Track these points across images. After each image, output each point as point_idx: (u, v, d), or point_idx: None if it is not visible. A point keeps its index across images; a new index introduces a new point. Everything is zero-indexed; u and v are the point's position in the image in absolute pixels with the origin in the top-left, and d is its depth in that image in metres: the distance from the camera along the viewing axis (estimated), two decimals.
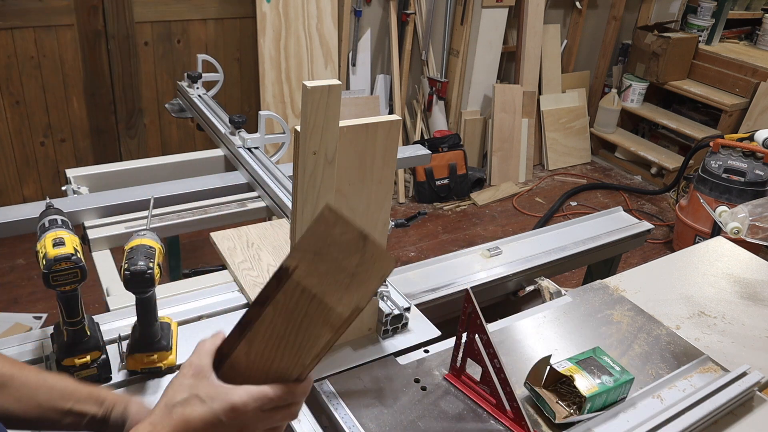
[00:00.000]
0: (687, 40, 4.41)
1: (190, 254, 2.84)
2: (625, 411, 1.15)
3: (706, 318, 1.46)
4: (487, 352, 1.09)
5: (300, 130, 0.95)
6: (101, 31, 2.94)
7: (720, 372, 1.27)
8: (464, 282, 1.54)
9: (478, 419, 1.10)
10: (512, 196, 4.02)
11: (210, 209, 1.71)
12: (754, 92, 4.13)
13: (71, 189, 1.78)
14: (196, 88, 2.35)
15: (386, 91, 3.82)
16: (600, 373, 1.13)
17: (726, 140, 3.28)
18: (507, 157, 4.14)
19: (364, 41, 3.62)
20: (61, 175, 2.97)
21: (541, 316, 1.40)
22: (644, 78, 4.54)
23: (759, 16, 4.89)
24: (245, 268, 1.43)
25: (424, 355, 1.25)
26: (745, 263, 1.69)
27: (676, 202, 3.79)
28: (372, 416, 1.08)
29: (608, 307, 1.45)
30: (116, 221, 1.60)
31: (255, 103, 3.48)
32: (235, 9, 3.24)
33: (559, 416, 1.10)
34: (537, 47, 4.15)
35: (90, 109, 3.09)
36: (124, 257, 1.04)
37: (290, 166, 1.54)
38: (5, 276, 2.85)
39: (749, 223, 1.49)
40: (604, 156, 4.70)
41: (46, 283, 0.97)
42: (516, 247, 1.73)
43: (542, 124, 4.38)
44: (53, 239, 0.98)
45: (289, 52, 3.28)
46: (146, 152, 3.28)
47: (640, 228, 1.88)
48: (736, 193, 3.15)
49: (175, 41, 3.16)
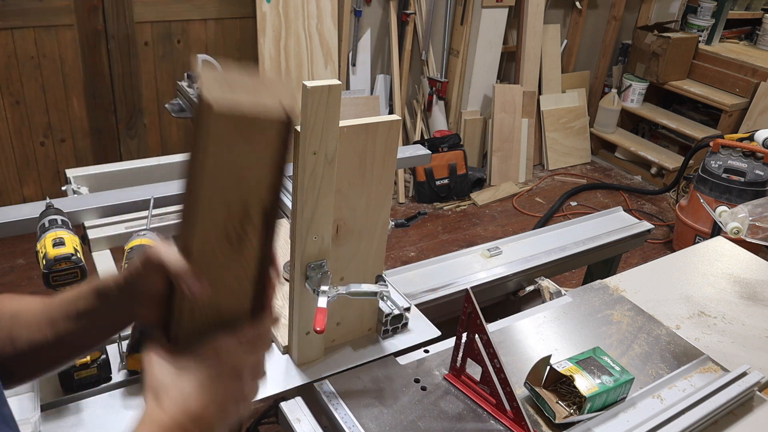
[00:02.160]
0: (687, 40, 4.41)
1: None
2: (625, 411, 1.15)
3: (706, 318, 1.46)
4: (487, 352, 1.09)
5: (300, 130, 0.95)
6: (101, 31, 2.94)
7: (720, 372, 1.27)
8: (464, 282, 1.54)
9: (478, 419, 1.10)
10: (512, 196, 4.02)
11: None
12: (754, 92, 4.13)
13: (71, 189, 1.78)
14: (197, 89, 2.35)
15: (386, 91, 3.82)
16: (600, 373, 1.13)
17: (726, 140, 3.28)
18: (507, 157, 4.14)
19: (364, 41, 3.62)
20: (61, 175, 2.97)
21: (541, 316, 1.40)
22: (644, 78, 4.54)
23: (759, 16, 4.89)
24: None
25: (424, 355, 1.25)
26: (745, 263, 1.69)
27: (676, 202, 3.79)
28: (372, 416, 1.08)
29: (608, 307, 1.45)
30: (116, 221, 1.60)
31: None
32: (235, 9, 3.24)
33: (559, 416, 1.10)
34: (537, 47, 4.15)
35: (90, 109, 3.09)
36: (124, 257, 1.04)
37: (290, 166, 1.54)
38: (5, 276, 2.85)
39: (749, 223, 1.49)
40: (604, 156, 4.70)
41: (46, 283, 0.97)
42: (516, 247, 1.73)
43: (542, 124, 4.38)
44: (53, 239, 0.98)
45: (289, 52, 3.28)
46: (146, 152, 3.28)
47: (640, 228, 1.88)
48: (736, 193, 3.15)
49: (175, 41, 3.16)
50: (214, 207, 0.58)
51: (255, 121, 0.55)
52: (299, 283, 1.10)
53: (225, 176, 0.57)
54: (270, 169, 0.59)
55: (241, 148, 0.56)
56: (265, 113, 0.55)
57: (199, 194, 0.58)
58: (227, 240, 0.59)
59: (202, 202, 0.58)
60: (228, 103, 0.54)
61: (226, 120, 0.54)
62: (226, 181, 0.58)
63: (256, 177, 0.59)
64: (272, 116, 0.56)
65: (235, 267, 0.61)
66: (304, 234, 1.04)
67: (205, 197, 0.58)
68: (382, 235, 1.18)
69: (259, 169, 0.58)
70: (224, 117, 0.54)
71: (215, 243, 0.59)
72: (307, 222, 1.03)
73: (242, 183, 0.58)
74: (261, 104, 0.55)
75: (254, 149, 0.57)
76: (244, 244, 0.60)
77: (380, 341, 1.26)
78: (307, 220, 1.03)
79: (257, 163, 0.58)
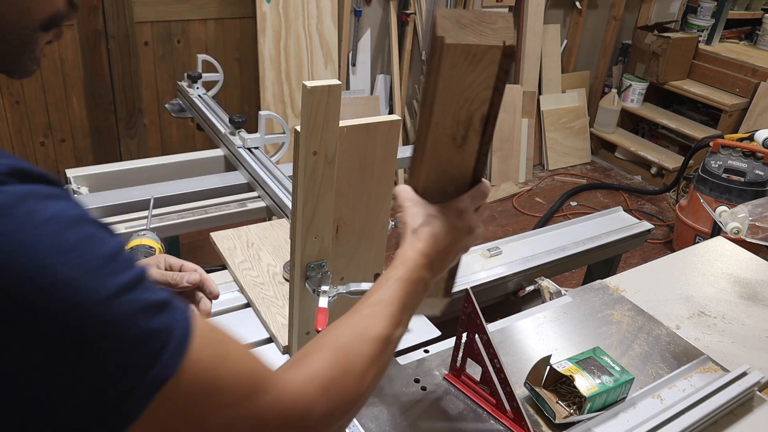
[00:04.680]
0: (687, 40, 4.40)
1: (190, 254, 2.84)
2: (625, 411, 1.15)
3: (706, 318, 1.46)
4: (487, 352, 1.09)
5: (300, 130, 0.95)
6: (101, 31, 2.94)
7: (720, 372, 1.27)
8: (464, 282, 1.54)
9: (478, 419, 1.10)
10: (512, 196, 4.02)
11: (210, 209, 1.71)
12: (754, 92, 4.13)
13: (71, 189, 1.78)
14: (196, 88, 2.35)
15: (386, 91, 3.81)
16: (600, 373, 1.13)
17: (726, 140, 3.28)
18: (507, 157, 4.14)
19: (364, 41, 3.62)
20: (61, 175, 2.97)
21: (541, 316, 1.40)
22: (644, 78, 4.54)
23: (759, 16, 4.88)
24: (245, 268, 1.43)
25: (424, 355, 1.25)
26: (745, 263, 1.69)
27: (676, 202, 3.79)
28: (372, 416, 1.08)
29: (608, 307, 1.45)
30: (116, 221, 1.60)
31: (255, 103, 3.48)
32: (235, 9, 3.24)
33: (559, 416, 1.10)
34: (537, 47, 4.15)
35: (90, 109, 3.09)
36: None
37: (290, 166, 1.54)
38: None
39: (749, 223, 1.49)
40: (604, 156, 4.70)
41: None
42: (516, 247, 1.73)
43: (542, 124, 4.38)
44: None
45: (289, 52, 3.28)
46: (146, 152, 3.28)
47: (640, 228, 1.88)
48: (736, 193, 3.15)
49: (175, 41, 3.16)
50: (444, 117, 0.75)
51: (477, 50, 0.69)
52: (299, 283, 1.09)
53: (453, 94, 0.73)
54: (491, 89, 0.74)
55: (466, 73, 0.71)
56: (486, 45, 0.69)
57: (433, 108, 0.74)
58: (453, 141, 0.78)
59: (435, 113, 0.75)
60: (456, 36, 0.68)
61: (454, 49, 0.69)
62: (454, 98, 0.74)
63: (480, 96, 0.74)
64: (491, 47, 0.69)
65: (458, 158, 0.80)
66: (304, 234, 1.04)
67: (437, 110, 0.75)
68: (382, 235, 1.18)
69: (482, 89, 0.74)
70: (452, 47, 0.69)
71: (444, 142, 0.78)
72: (307, 222, 1.03)
73: (467, 100, 0.74)
74: (484, 37, 0.70)
75: (478, 74, 0.72)
76: (467, 143, 0.79)
77: None
78: (307, 220, 1.03)
79: (480, 85, 0.73)
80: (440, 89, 0.73)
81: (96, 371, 0.44)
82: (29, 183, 0.45)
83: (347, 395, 0.61)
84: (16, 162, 0.46)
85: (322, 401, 0.57)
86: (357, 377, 0.62)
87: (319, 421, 0.57)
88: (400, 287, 0.72)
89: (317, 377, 0.58)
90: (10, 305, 0.41)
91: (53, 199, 0.46)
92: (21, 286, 0.41)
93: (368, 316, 0.69)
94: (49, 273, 0.42)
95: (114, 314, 0.45)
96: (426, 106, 0.76)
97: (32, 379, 0.43)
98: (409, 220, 0.78)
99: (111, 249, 0.47)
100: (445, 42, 0.68)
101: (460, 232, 0.80)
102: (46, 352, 0.42)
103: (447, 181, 0.81)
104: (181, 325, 0.49)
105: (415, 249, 0.76)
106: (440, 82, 0.72)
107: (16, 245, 0.42)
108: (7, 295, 0.41)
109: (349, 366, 0.62)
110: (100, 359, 0.44)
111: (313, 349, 0.63)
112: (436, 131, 0.77)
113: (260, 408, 0.53)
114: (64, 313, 0.43)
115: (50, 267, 0.43)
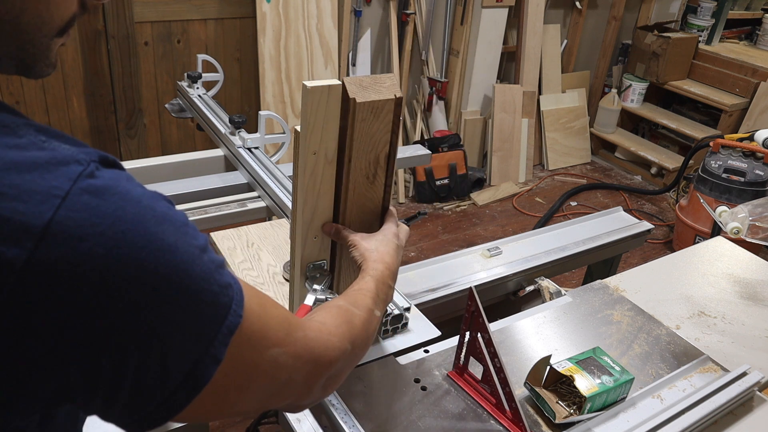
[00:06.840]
0: (687, 40, 4.41)
1: None
2: (625, 411, 1.15)
3: (706, 318, 1.46)
4: (488, 352, 1.09)
5: (300, 130, 0.95)
6: (101, 31, 2.94)
7: (720, 372, 1.27)
8: (464, 282, 1.54)
9: (478, 419, 1.10)
10: (512, 196, 4.02)
11: (210, 209, 1.71)
12: (754, 92, 4.13)
13: None
14: (196, 88, 2.35)
15: None
16: (600, 373, 1.13)
17: (726, 140, 3.28)
18: (507, 157, 4.14)
19: (364, 41, 3.62)
20: None
21: (541, 316, 1.40)
22: (644, 78, 4.54)
23: (759, 16, 4.89)
24: (245, 268, 1.43)
25: (424, 355, 1.25)
26: (745, 263, 1.69)
27: (676, 202, 3.79)
28: (372, 416, 1.08)
29: (608, 307, 1.45)
30: None
31: (255, 103, 3.48)
32: (235, 9, 3.24)
33: (559, 416, 1.10)
34: (537, 47, 4.15)
35: (90, 109, 3.09)
36: None
37: (290, 166, 1.54)
38: None
39: (749, 223, 1.49)
40: (604, 156, 4.70)
41: None
42: (516, 247, 1.73)
43: (542, 124, 4.38)
44: None
45: (289, 52, 3.28)
46: (146, 152, 3.28)
47: (640, 228, 1.88)
48: (736, 193, 3.15)
49: (175, 41, 3.16)
50: (359, 161, 0.96)
51: (378, 104, 0.92)
52: (299, 283, 1.10)
53: (365, 140, 0.94)
54: (389, 132, 0.96)
55: (372, 122, 0.93)
56: (384, 99, 0.92)
57: (351, 155, 0.95)
58: (366, 179, 0.99)
59: (353, 159, 0.95)
60: (363, 96, 0.90)
61: (362, 106, 0.91)
62: (366, 143, 0.95)
63: (383, 139, 0.96)
64: (387, 100, 0.92)
65: (371, 192, 1.01)
66: (304, 234, 1.04)
67: (354, 156, 0.95)
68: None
69: (384, 133, 0.96)
70: (361, 104, 0.90)
71: (361, 182, 0.99)
72: (307, 222, 1.03)
73: (375, 144, 0.96)
74: (380, 94, 0.92)
75: (380, 122, 0.94)
76: (377, 179, 1.00)
77: (380, 341, 1.26)
78: (307, 220, 1.03)
79: (383, 130, 0.95)
80: (356, 138, 0.93)
81: (194, 318, 0.53)
82: (114, 168, 0.53)
83: (352, 337, 0.76)
84: (100, 151, 0.54)
85: (335, 337, 0.72)
86: (357, 327, 0.79)
87: (337, 353, 0.71)
88: (374, 284, 0.90)
89: (327, 323, 0.74)
90: (132, 272, 0.49)
91: (131, 180, 0.54)
92: (138, 253, 0.49)
93: (356, 293, 0.87)
94: (157, 240, 0.51)
95: (203, 272, 0.53)
96: (345, 156, 0.95)
97: (151, 329, 0.50)
98: (365, 251, 0.97)
99: (182, 217, 0.55)
100: (357, 101, 0.89)
101: (400, 248, 1.01)
102: (158, 307, 0.50)
103: (365, 213, 1.03)
104: (235, 280, 0.58)
105: (379, 267, 0.94)
106: (355, 132, 0.92)
107: (129, 218, 0.49)
108: (129, 260, 0.48)
109: (350, 317, 0.79)
110: (198, 308, 0.53)
111: (317, 310, 0.80)
112: (354, 174, 0.97)
113: (295, 344, 0.65)
114: (171, 272, 0.51)
115: (156, 235, 0.51)
